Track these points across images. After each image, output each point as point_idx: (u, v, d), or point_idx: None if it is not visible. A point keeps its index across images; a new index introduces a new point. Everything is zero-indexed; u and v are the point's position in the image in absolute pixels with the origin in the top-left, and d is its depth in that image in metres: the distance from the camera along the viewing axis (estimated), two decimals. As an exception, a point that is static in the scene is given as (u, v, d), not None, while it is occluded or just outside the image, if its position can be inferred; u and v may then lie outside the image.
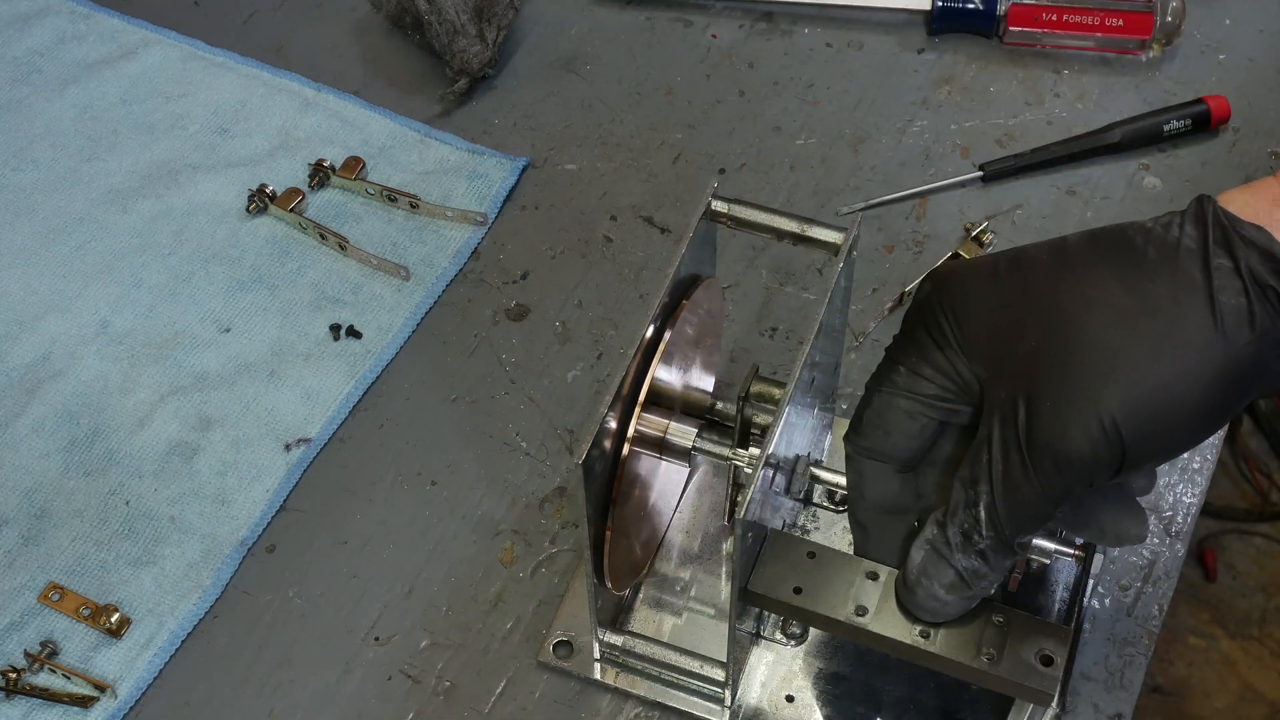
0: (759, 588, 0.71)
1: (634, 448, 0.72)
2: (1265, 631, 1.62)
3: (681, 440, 0.76)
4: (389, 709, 0.79)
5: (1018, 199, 0.99)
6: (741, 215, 0.75)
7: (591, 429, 0.66)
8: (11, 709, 0.79)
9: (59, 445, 0.89)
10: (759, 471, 0.66)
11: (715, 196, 0.74)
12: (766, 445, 0.67)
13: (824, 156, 1.02)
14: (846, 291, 0.77)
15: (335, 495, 0.87)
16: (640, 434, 0.72)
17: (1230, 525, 1.70)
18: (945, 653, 0.70)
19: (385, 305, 0.95)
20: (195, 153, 1.03)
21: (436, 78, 1.06)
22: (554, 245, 0.98)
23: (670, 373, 0.75)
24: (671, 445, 0.76)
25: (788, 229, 0.75)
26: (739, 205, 0.75)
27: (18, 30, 1.11)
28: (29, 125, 1.05)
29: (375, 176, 1.01)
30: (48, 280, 0.97)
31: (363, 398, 0.91)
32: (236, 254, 0.98)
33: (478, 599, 0.83)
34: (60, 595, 0.83)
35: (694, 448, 0.76)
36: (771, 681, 0.79)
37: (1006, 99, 1.05)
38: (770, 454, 0.67)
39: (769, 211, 0.75)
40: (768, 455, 0.67)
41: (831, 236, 0.74)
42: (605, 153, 1.03)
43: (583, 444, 0.66)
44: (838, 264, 0.72)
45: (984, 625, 0.70)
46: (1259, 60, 1.06)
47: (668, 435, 0.76)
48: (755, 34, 1.09)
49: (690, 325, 0.75)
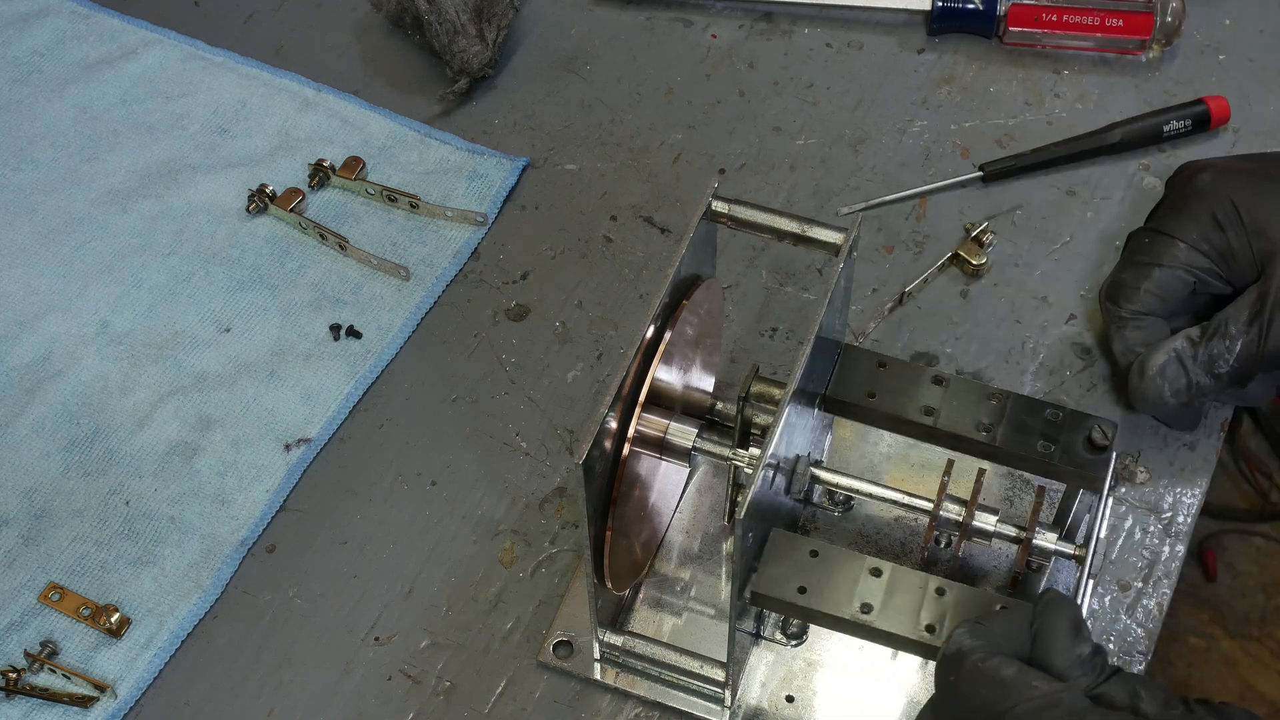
0: (763, 588, 0.71)
1: (634, 448, 0.72)
2: (1265, 631, 1.62)
3: (682, 440, 0.76)
4: (389, 709, 0.79)
5: (1018, 199, 0.99)
6: (742, 215, 0.75)
7: (592, 429, 0.66)
8: (11, 709, 0.79)
9: (59, 445, 0.89)
10: (759, 472, 0.66)
11: (715, 196, 0.74)
12: (767, 445, 0.67)
13: (824, 156, 1.02)
14: (846, 292, 0.77)
15: (335, 495, 0.87)
16: (640, 434, 0.72)
17: (1230, 525, 1.70)
18: None
19: (385, 305, 0.95)
20: (195, 153, 1.03)
21: (436, 78, 1.06)
22: (554, 245, 0.98)
23: (670, 373, 0.75)
24: (672, 445, 0.76)
25: (788, 229, 0.75)
26: (739, 205, 0.75)
27: (18, 30, 1.10)
28: (29, 125, 1.05)
29: (375, 176, 1.01)
30: (48, 280, 0.97)
31: (363, 398, 0.91)
32: (236, 254, 0.98)
33: (478, 599, 0.83)
34: (60, 595, 0.83)
35: (694, 448, 0.76)
36: (772, 681, 0.79)
37: (1006, 99, 1.05)
38: (771, 454, 0.67)
39: (769, 212, 0.75)
40: (768, 456, 0.67)
41: (832, 237, 0.74)
42: (605, 153, 1.03)
43: (583, 444, 0.66)
44: (838, 264, 0.72)
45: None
46: (1259, 60, 1.06)
47: (668, 435, 0.76)
48: (755, 34, 1.09)
49: (690, 325, 0.75)
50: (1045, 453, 0.76)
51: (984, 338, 0.93)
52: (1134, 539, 0.85)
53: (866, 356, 0.79)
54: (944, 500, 0.75)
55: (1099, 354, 0.92)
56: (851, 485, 0.78)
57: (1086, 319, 0.93)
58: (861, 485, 0.78)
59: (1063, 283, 0.95)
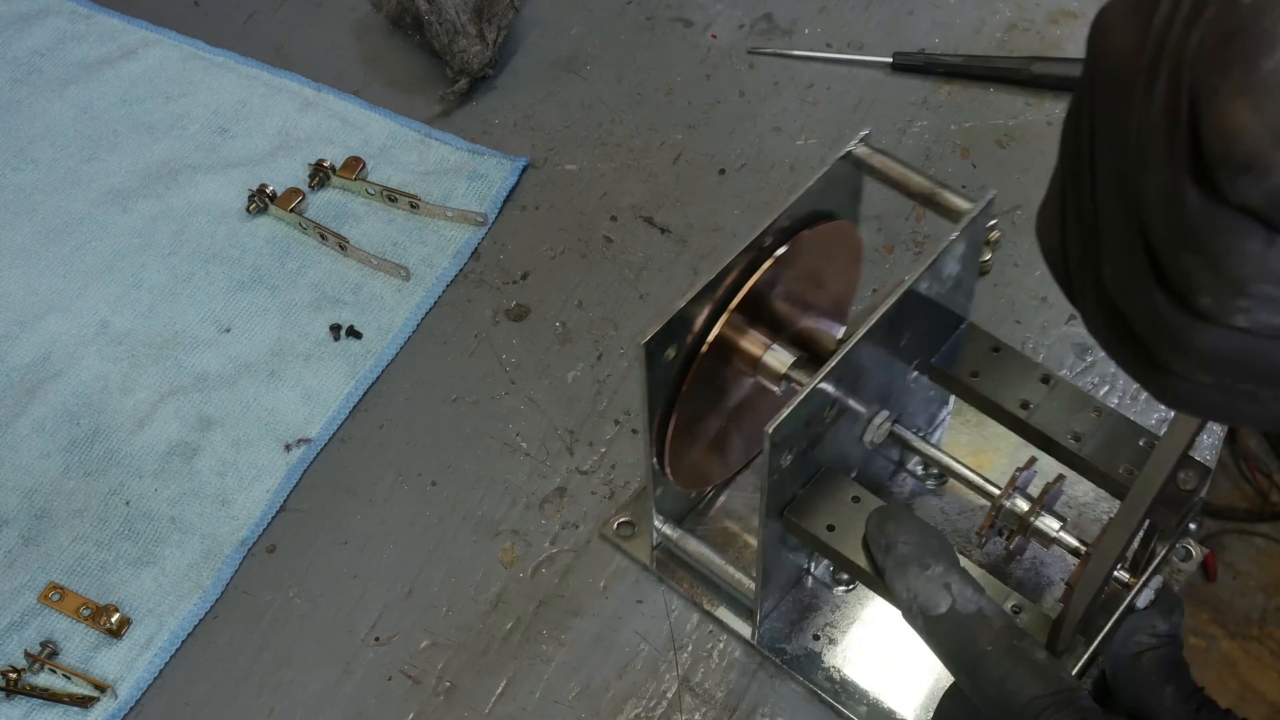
0: (795, 515, 0.72)
1: (724, 351, 0.72)
2: (1265, 631, 1.62)
3: (777, 364, 0.75)
4: (389, 709, 0.79)
5: (1018, 199, 0.99)
6: (877, 163, 0.75)
7: (666, 313, 0.67)
8: (11, 709, 0.79)
9: (59, 445, 0.89)
10: (805, 392, 0.66)
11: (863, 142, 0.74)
12: (821, 371, 0.67)
13: (824, 157, 1.02)
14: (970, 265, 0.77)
15: (335, 495, 0.87)
16: (729, 341, 0.72)
17: (1230, 525, 1.70)
18: None
19: (385, 305, 0.95)
20: (195, 153, 1.03)
21: (436, 78, 1.06)
22: (554, 245, 0.98)
23: (788, 296, 0.74)
24: (766, 367, 0.75)
25: (919, 188, 0.75)
26: (880, 154, 0.75)
27: (18, 30, 1.11)
28: (29, 125, 1.05)
29: (375, 176, 1.01)
30: (48, 280, 0.97)
31: (363, 398, 0.91)
32: (236, 254, 0.98)
33: (478, 599, 0.83)
34: (60, 595, 0.83)
35: (788, 374, 0.75)
36: (807, 619, 0.80)
37: (1006, 99, 1.05)
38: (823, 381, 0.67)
39: (906, 167, 0.75)
40: (819, 379, 0.67)
41: (960, 204, 0.74)
42: (605, 153, 1.03)
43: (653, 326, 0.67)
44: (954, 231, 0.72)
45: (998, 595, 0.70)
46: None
47: (764, 357, 0.75)
48: (755, 34, 1.09)
49: (812, 257, 0.74)
50: (1127, 478, 0.74)
51: (984, 338, 0.93)
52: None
53: (984, 338, 0.79)
54: (1013, 491, 0.75)
55: (1099, 354, 0.92)
56: (924, 450, 0.78)
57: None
58: (935, 453, 0.78)
59: (1063, 283, 0.95)
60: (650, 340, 0.67)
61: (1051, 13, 1.09)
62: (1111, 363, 0.90)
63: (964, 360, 0.79)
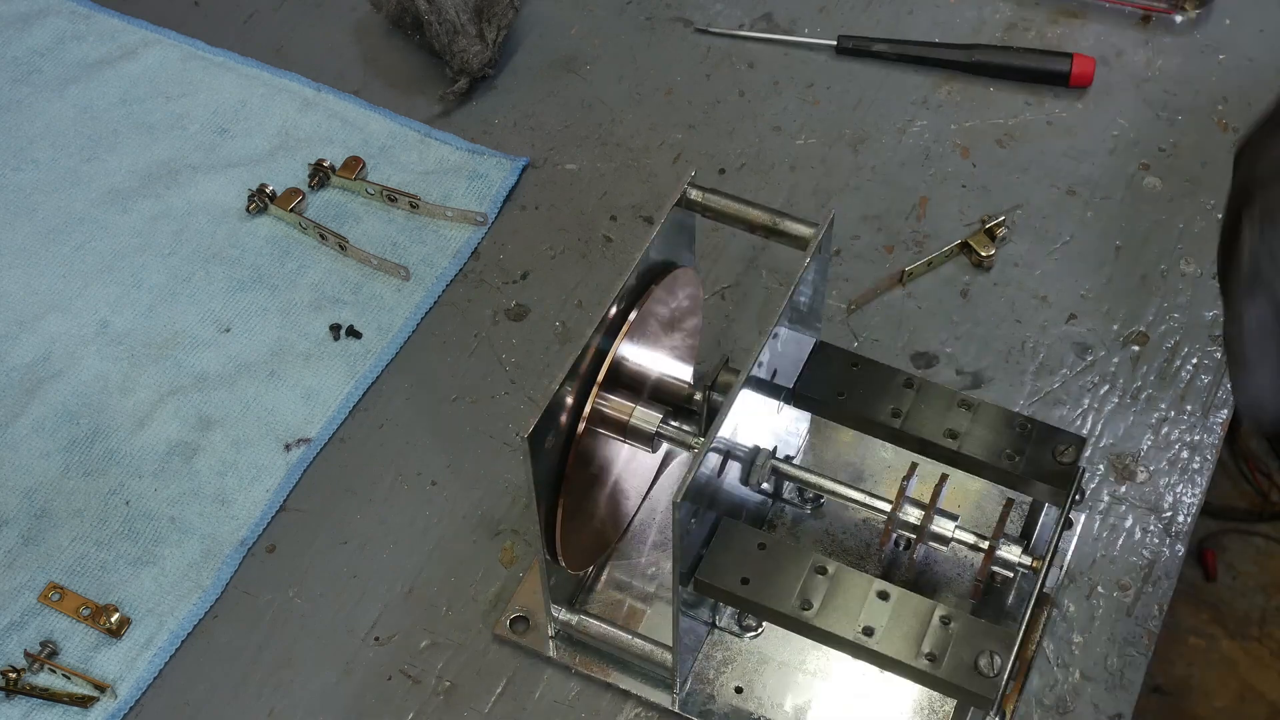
0: (707, 576, 0.71)
1: (593, 427, 0.71)
2: (1265, 631, 1.62)
3: (646, 425, 0.75)
4: (389, 709, 0.79)
5: (1018, 199, 0.99)
6: (715, 204, 0.75)
7: (541, 403, 0.66)
8: (11, 709, 0.79)
9: (59, 445, 0.89)
10: (701, 454, 0.66)
11: (692, 184, 0.74)
12: (713, 430, 0.67)
13: (824, 156, 1.02)
14: (819, 288, 0.77)
15: (335, 495, 0.87)
16: (600, 414, 0.72)
17: (1230, 525, 1.70)
18: (887, 651, 0.69)
19: (385, 305, 0.95)
20: (195, 153, 1.03)
21: (436, 78, 1.06)
22: (554, 245, 0.98)
23: (640, 357, 0.74)
24: (635, 429, 0.75)
25: (760, 221, 0.75)
26: (713, 194, 0.75)
27: (18, 30, 1.11)
28: (29, 125, 1.05)
29: (375, 176, 1.01)
30: (48, 280, 0.97)
31: (363, 398, 0.91)
32: (236, 254, 0.98)
33: (478, 599, 0.83)
34: (60, 595, 0.83)
35: (658, 432, 0.75)
36: (723, 671, 0.79)
37: (1006, 99, 1.05)
38: (717, 439, 0.67)
39: (741, 202, 0.75)
40: (713, 440, 0.66)
41: (802, 231, 0.74)
42: (605, 153, 1.03)
43: (531, 418, 0.66)
44: (805, 259, 0.71)
45: (927, 626, 0.69)
46: (1259, 60, 1.06)
47: (632, 419, 0.75)
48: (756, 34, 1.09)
49: (661, 311, 0.75)
50: (1010, 464, 0.75)
51: (984, 337, 0.93)
52: (1134, 539, 0.85)
53: (840, 355, 0.79)
54: (903, 502, 0.75)
55: (1099, 354, 0.92)
56: (809, 480, 0.78)
57: (1086, 319, 0.93)
58: (820, 481, 0.78)
59: (1063, 283, 0.95)
60: (533, 433, 0.66)
61: (1051, 12, 1.09)
62: (1111, 361, 0.91)
63: (824, 380, 0.78)
